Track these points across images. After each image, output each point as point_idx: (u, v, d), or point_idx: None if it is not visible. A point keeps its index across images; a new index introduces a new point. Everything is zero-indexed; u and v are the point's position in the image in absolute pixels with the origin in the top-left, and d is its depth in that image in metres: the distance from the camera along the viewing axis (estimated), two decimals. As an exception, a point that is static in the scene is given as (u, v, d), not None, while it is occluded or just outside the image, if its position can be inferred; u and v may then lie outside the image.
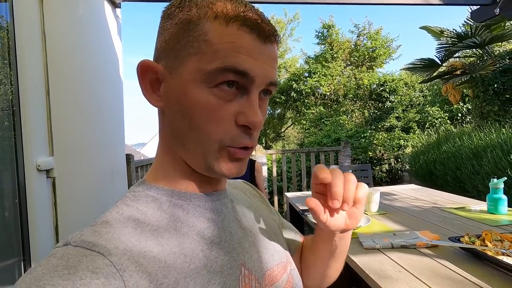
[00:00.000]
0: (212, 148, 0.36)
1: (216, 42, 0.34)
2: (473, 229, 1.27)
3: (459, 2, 2.72)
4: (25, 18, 1.13)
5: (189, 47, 0.35)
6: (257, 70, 0.35)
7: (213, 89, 0.35)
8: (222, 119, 0.35)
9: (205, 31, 0.34)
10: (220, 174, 0.37)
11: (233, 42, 0.34)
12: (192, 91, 0.35)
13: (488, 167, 3.12)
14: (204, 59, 0.34)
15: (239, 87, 0.36)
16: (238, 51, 0.34)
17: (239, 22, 0.34)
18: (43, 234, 1.17)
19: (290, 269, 0.47)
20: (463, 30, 4.64)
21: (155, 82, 0.38)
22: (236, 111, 0.36)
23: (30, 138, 1.12)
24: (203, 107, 0.35)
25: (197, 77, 0.35)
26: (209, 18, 0.35)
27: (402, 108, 7.20)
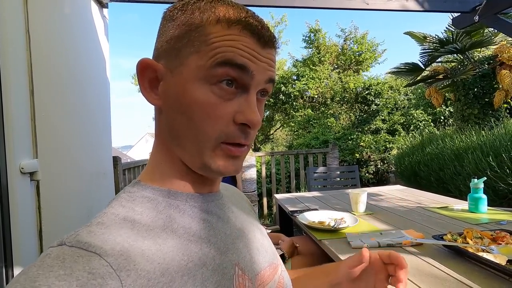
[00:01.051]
0: (208, 146, 0.37)
1: (216, 41, 0.35)
2: (455, 227, 1.31)
3: (440, 9, 2.83)
4: (8, 17, 1.10)
5: (190, 46, 0.36)
6: (256, 67, 0.36)
7: (213, 86, 0.35)
8: (220, 117, 0.36)
9: (207, 33, 0.36)
10: (217, 171, 0.38)
11: (233, 41, 0.35)
12: (192, 88, 0.36)
13: (469, 168, 3.24)
14: (205, 56, 0.35)
15: (238, 86, 0.37)
16: (237, 47, 0.35)
17: (241, 25, 0.36)
18: (26, 239, 1.14)
19: (281, 270, 0.48)
20: (445, 36, 4.81)
21: (154, 81, 0.39)
22: (234, 110, 0.37)
23: (13, 140, 1.09)
24: (202, 104, 0.36)
25: (198, 75, 0.36)
26: (211, 22, 0.36)
27: (387, 111, 7.37)
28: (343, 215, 1.48)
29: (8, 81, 1.08)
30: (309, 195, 2.34)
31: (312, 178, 3.27)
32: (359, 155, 6.19)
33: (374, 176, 6.22)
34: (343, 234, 1.26)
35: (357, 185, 3.18)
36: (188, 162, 0.39)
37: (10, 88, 1.09)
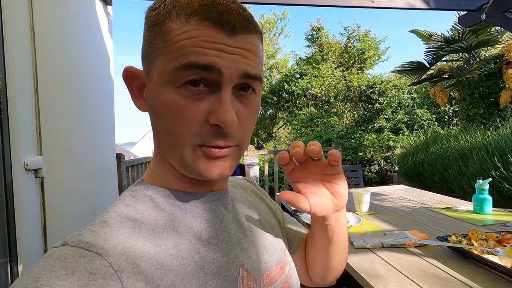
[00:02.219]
0: (186, 150, 0.34)
1: (176, 40, 0.32)
2: (459, 229, 1.30)
3: (446, 7, 2.79)
4: (13, 15, 1.10)
5: (156, 49, 0.34)
6: (224, 62, 0.32)
7: (179, 89, 0.33)
8: (190, 119, 0.33)
9: (168, 31, 0.33)
10: (200, 175, 0.35)
11: (193, 38, 0.32)
12: (160, 93, 0.34)
13: (473, 168, 3.21)
14: (168, 59, 0.33)
15: (208, 85, 0.33)
16: (199, 45, 0.32)
17: (199, 16, 0.32)
18: (30, 235, 1.15)
19: (289, 269, 0.47)
20: (450, 34, 4.76)
21: (141, 87, 0.38)
22: (207, 110, 0.33)
23: (18, 137, 1.10)
24: (171, 108, 0.33)
25: (163, 78, 0.34)
26: (171, 19, 0.33)
27: (391, 110, 7.33)
28: (346, 214, 1.48)
29: (13, 79, 1.09)
30: (312, 194, 2.34)
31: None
32: (362, 154, 6.17)
33: (377, 176, 6.19)
34: (346, 234, 1.25)
35: (360, 184, 3.17)
36: (174, 165, 0.37)
37: (15, 85, 1.09)
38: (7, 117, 1.08)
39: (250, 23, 0.34)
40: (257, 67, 0.35)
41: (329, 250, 0.50)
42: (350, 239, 1.19)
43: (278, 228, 0.53)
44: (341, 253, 0.52)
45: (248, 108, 0.36)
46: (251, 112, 0.37)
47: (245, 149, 0.39)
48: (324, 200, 0.42)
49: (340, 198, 0.43)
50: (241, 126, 0.36)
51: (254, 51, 0.35)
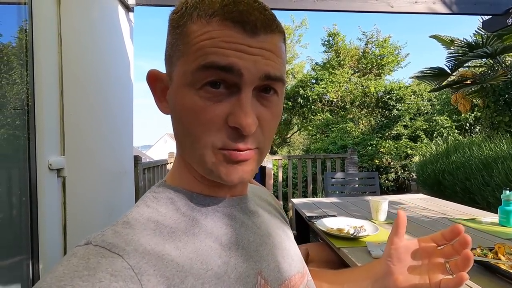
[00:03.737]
0: (206, 153, 0.34)
1: (196, 42, 0.32)
2: (484, 242, 1.24)
3: (470, 11, 2.71)
4: (42, 20, 1.16)
5: (177, 51, 0.34)
6: (245, 63, 0.31)
7: (199, 90, 0.33)
8: (210, 122, 0.33)
9: (188, 33, 0.33)
10: (220, 179, 0.35)
11: (214, 38, 0.31)
12: (181, 95, 0.34)
13: (498, 179, 3.06)
14: (188, 60, 0.33)
15: (228, 86, 0.33)
16: (219, 46, 0.31)
17: (219, 16, 0.32)
18: (51, 233, 1.19)
19: (307, 279, 0.46)
20: (474, 39, 4.60)
21: (164, 90, 0.38)
22: (226, 112, 0.33)
23: (43, 138, 1.14)
24: (190, 110, 0.33)
25: (184, 80, 0.34)
26: (193, 19, 0.33)
27: (409, 117, 7.14)
28: (363, 223, 1.44)
29: (40, 82, 1.14)
30: (327, 200, 2.30)
31: (329, 183, 3.21)
32: (378, 162, 6.02)
33: (394, 184, 6.02)
34: (363, 243, 1.22)
35: (376, 192, 3.08)
36: (195, 168, 0.37)
37: (42, 89, 1.15)
38: (33, 119, 1.13)
39: (272, 22, 0.34)
40: (279, 68, 0.34)
41: None
42: (367, 248, 1.16)
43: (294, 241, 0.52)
44: None
45: (269, 110, 0.35)
46: (273, 114, 0.36)
47: (266, 152, 0.38)
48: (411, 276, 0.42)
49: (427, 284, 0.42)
50: (262, 128, 0.35)
51: (276, 51, 0.34)
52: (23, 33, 1.17)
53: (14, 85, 1.21)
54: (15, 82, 1.21)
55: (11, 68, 1.21)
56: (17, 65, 1.20)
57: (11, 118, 1.21)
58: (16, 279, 1.14)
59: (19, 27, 1.18)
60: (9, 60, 1.23)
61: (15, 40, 1.22)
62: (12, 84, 1.21)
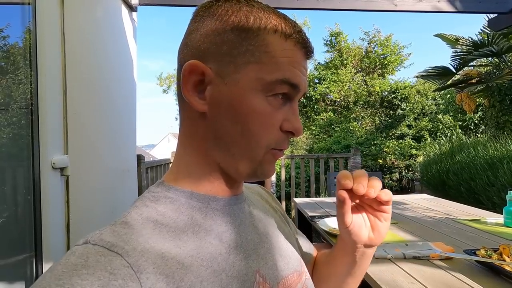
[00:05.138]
0: (260, 152, 0.38)
1: (277, 55, 0.36)
2: (489, 242, 1.23)
3: (475, 10, 2.67)
4: (46, 20, 1.17)
5: (249, 56, 0.36)
6: (303, 82, 0.39)
7: (269, 97, 0.37)
8: (272, 126, 0.38)
9: (266, 43, 0.36)
10: (263, 176, 0.40)
11: (290, 57, 0.37)
12: (250, 98, 0.36)
13: (504, 179, 3.03)
14: (265, 70, 0.36)
15: (286, 97, 0.39)
16: (293, 65, 0.37)
17: (295, 39, 0.38)
18: (54, 232, 1.19)
19: (305, 278, 0.46)
20: (479, 38, 4.55)
21: (199, 84, 0.37)
22: (282, 118, 0.39)
23: (46, 136, 1.15)
24: (259, 114, 0.37)
25: (257, 86, 0.36)
26: (269, 31, 0.37)
27: (413, 116, 7.09)
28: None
29: (44, 81, 1.14)
30: (330, 200, 2.29)
31: (333, 183, 3.20)
32: (382, 161, 5.99)
33: (398, 184, 5.99)
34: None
35: (380, 192, 3.07)
36: (232, 168, 0.39)
37: (46, 87, 1.15)
38: (37, 118, 1.14)
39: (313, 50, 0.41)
40: None
41: (344, 280, 0.51)
42: (370, 248, 1.15)
43: (293, 238, 0.53)
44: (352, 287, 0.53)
45: None
46: None
47: None
48: (363, 227, 0.44)
49: (377, 234, 0.45)
50: None
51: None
52: (27, 33, 1.18)
53: (19, 84, 1.22)
54: (20, 82, 1.22)
55: (16, 68, 1.22)
56: (22, 64, 1.21)
57: (16, 118, 1.22)
58: (20, 277, 1.15)
59: (23, 27, 1.19)
60: (14, 60, 1.24)
61: (19, 40, 1.23)
62: (18, 83, 1.22)
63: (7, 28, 1.19)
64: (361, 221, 0.44)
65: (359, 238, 0.44)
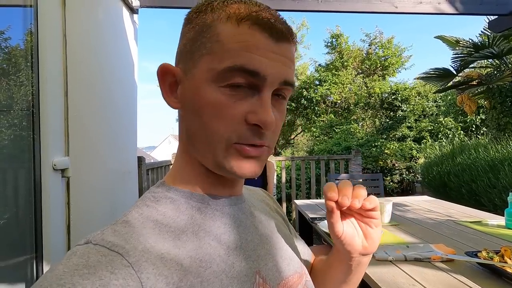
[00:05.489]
0: (220, 146, 0.36)
1: (227, 42, 0.34)
2: (490, 244, 1.22)
3: (476, 12, 2.68)
4: (47, 22, 1.17)
5: (202, 48, 0.36)
6: (269, 68, 0.34)
7: (224, 88, 0.35)
8: (231, 117, 0.35)
9: (218, 33, 0.35)
10: (231, 173, 0.36)
11: (244, 41, 0.34)
12: (203, 90, 0.35)
13: (505, 181, 3.02)
14: (216, 59, 0.34)
15: (251, 87, 0.35)
16: (248, 50, 0.34)
17: (250, 21, 0.34)
18: (55, 233, 1.19)
19: (305, 280, 0.46)
20: (480, 40, 4.55)
21: (173, 85, 0.39)
22: (246, 110, 0.35)
23: (47, 138, 1.15)
24: (212, 105, 0.35)
25: (208, 76, 0.35)
26: (221, 20, 0.35)
27: (414, 118, 7.08)
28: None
29: (45, 83, 1.15)
30: (330, 202, 2.28)
31: (333, 185, 3.19)
32: (383, 163, 5.98)
33: (399, 186, 5.97)
34: (367, 245, 1.21)
35: (380, 194, 3.06)
36: (204, 163, 0.38)
37: (48, 90, 1.16)
38: (38, 119, 1.14)
39: (292, 33, 0.37)
40: (293, 75, 0.38)
41: (338, 286, 0.51)
42: (371, 250, 1.15)
43: (293, 241, 0.53)
44: None
45: (279, 113, 0.38)
46: (281, 117, 0.39)
47: (272, 151, 0.40)
48: (356, 236, 0.44)
49: (371, 241, 0.44)
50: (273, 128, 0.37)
51: (292, 60, 0.38)
52: (29, 35, 1.18)
53: (20, 86, 1.22)
54: (22, 84, 1.22)
55: (18, 69, 1.23)
56: (23, 66, 1.21)
57: (18, 119, 1.22)
58: (20, 278, 1.15)
59: (25, 29, 1.20)
60: (16, 62, 1.24)
61: (21, 42, 1.23)
62: (19, 85, 1.22)
63: (8, 30, 1.19)
64: (353, 231, 0.44)
65: (353, 247, 0.44)
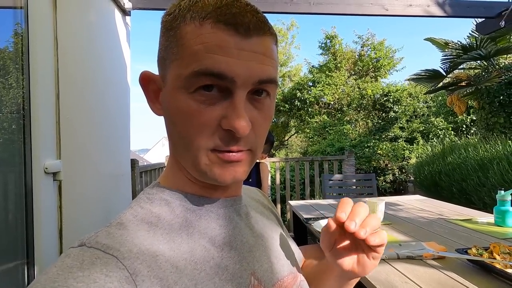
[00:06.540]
0: (200, 154, 0.34)
1: (190, 45, 0.32)
2: (480, 241, 1.25)
3: (464, 14, 2.74)
4: (38, 24, 1.16)
5: (171, 54, 0.34)
6: (237, 69, 0.31)
7: (193, 94, 0.33)
8: (204, 125, 0.33)
9: (182, 35, 0.33)
10: (213, 179, 0.35)
11: (207, 43, 0.31)
12: (175, 98, 0.34)
13: (494, 179, 3.08)
14: (182, 64, 0.33)
15: (221, 90, 0.33)
16: (212, 51, 0.31)
17: (212, 19, 0.32)
18: (47, 237, 1.18)
19: (300, 280, 0.46)
20: (468, 42, 4.65)
21: (157, 92, 0.38)
22: (220, 115, 0.33)
23: (39, 141, 1.14)
24: (184, 113, 0.34)
25: (177, 84, 0.34)
26: (186, 21, 0.33)
27: (406, 119, 7.18)
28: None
29: (37, 85, 1.14)
30: (325, 202, 2.30)
31: (327, 185, 3.21)
32: (376, 163, 6.04)
33: (392, 185, 6.04)
34: (360, 244, 1.22)
35: (373, 194, 3.09)
36: (189, 170, 0.37)
37: (38, 92, 1.14)
38: (29, 122, 1.13)
39: (265, 24, 0.34)
40: (272, 70, 0.35)
41: None
42: (364, 249, 1.16)
43: (287, 241, 0.53)
44: None
45: (262, 113, 0.36)
46: (265, 117, 0.37)
47: (258, 153, 0.38)
48: (347, 257, 0.41)
49: (361, 269, 0.41)
50: (255, 130, 0.35)
51: (268, 54, 0.34)
52: (19, 37, 1.17)
53: (10, 89, 1.21)
54: (11, 86, 1.20)
55: (7, 72, 1.21)
56: (13, 69, 1.20)
57: (7, 122, 1.20)
58: (12, 283, 1.13)
59: (15, 31, 1.18)
60: (5, 64, 1.23)
61: (11, 44, 1.22)
62: (8, 88, 1.21)
63: (-2, 32, 1.18)
64: (345, 251, 0.41)
65: (341, 266, 0.41)
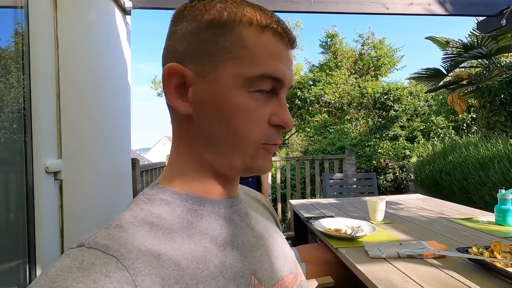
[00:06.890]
0: (250, 149, 0.38)
1: (254, 49, 0.36)
2: (481, 240, 1.25)
3: (465, 13, 2.73)
4: (39, 23, 1.16)
5: (226, 52, 0.35)
6: (287, 75, 0.38)
7: (252, 93, 0.36)
8: (259, 121, 0.37)
9: (242, 37, 0.36)
10: (257, 171, 0.39)
11: (269, 50, 0.36)
12: (232, 95, 0.36)
13: (495, 178, 3.08)
14: (244, 65, 0.35)
15: (271, 91, 0.38)
16: (274, 58, 0.37)
17: (273, 29, 0.37)
18: (48, 236, 1.18)
19: (300, 280, 0.46)
20: (469, 40, 4.64)
21: (181, 87, 0.37)
22: (269, 112, 0.38)
23: (39, 141, 1.14)
24: (243, 110, 0.36)
25: (238, 82, 0.36)
26: (244, 25, 0.36)
27: (406, 117, 7.17)
28: (361, 223, 1.44)
29: (37, 85, 1.13)
30: (325, 201, 2.30)
31: (328, 184, 3.21)
32: (376, 162, 6.04)
33: (392, 184, 6.04)
34: (361, 243, 1.22)
35: (374, 193, 3.09)
36: (225, 167, 0.39)
37: (39, 91, 1.14)
38: (30, 122, 1.13)
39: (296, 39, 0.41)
40: None
41: None
42: (365, 248, 1.16)
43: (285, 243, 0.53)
44: None
45: None
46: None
47: None
48: None
49: None
50: None
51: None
52: (20, 37, 1.17)
53: (11, 88, 1.21)
54: (11, 86, 1.20)
55: (7, 71, 1.21)
56: (13, 68, 1.20)
57: (8, 122, 1.20)
58: (13, 283, 1.13)
59: (16, 30, 1.18)
60: (6, 64, 1.23)
61: (12, 43, 1.22)
62: (9, 87, 1.21)
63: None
64: None
65: None
